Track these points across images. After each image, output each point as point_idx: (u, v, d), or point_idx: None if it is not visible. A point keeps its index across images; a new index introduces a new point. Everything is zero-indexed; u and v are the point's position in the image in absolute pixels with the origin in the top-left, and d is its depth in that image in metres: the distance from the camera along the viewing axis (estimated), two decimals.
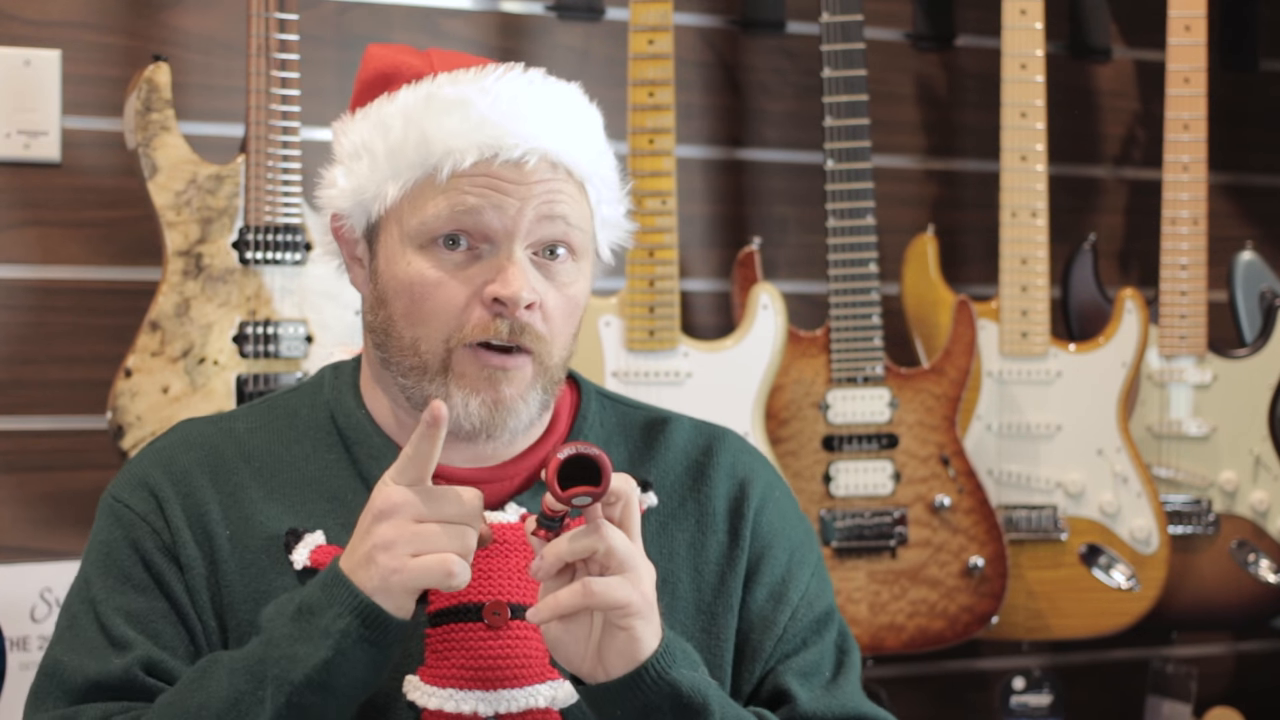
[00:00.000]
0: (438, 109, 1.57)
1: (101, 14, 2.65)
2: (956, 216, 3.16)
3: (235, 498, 1.61)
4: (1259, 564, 3.02)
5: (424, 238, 1.56)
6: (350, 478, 1.62)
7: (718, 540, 1.68)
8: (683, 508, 1.68)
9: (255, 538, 1.59)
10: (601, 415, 1.71)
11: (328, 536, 1.58)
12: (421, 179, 1.56)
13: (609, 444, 1.69)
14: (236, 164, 2.50)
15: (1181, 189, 3.00)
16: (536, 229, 1.56)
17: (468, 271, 1.56)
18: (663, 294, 2.71)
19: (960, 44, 3.16)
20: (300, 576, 1.56)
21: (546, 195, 1.56)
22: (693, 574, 1.66)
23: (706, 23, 3.02)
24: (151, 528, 1.60)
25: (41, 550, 2.61)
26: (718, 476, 1.70)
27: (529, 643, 1.55)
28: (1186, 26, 2.99)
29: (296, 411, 1.68)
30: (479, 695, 1.53)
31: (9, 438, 2.62)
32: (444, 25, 2.83)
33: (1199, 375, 3.02)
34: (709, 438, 1.74)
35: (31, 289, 2.63)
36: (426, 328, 1.56)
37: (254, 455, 1.64)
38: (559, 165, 1.57)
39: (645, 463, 1.69)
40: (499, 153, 1.54)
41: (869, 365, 2.81)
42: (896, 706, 3.06)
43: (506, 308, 1.54)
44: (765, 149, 3.07)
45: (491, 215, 1.54)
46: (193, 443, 1.65)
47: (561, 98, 1.61)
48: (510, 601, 1.55)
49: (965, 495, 2.82)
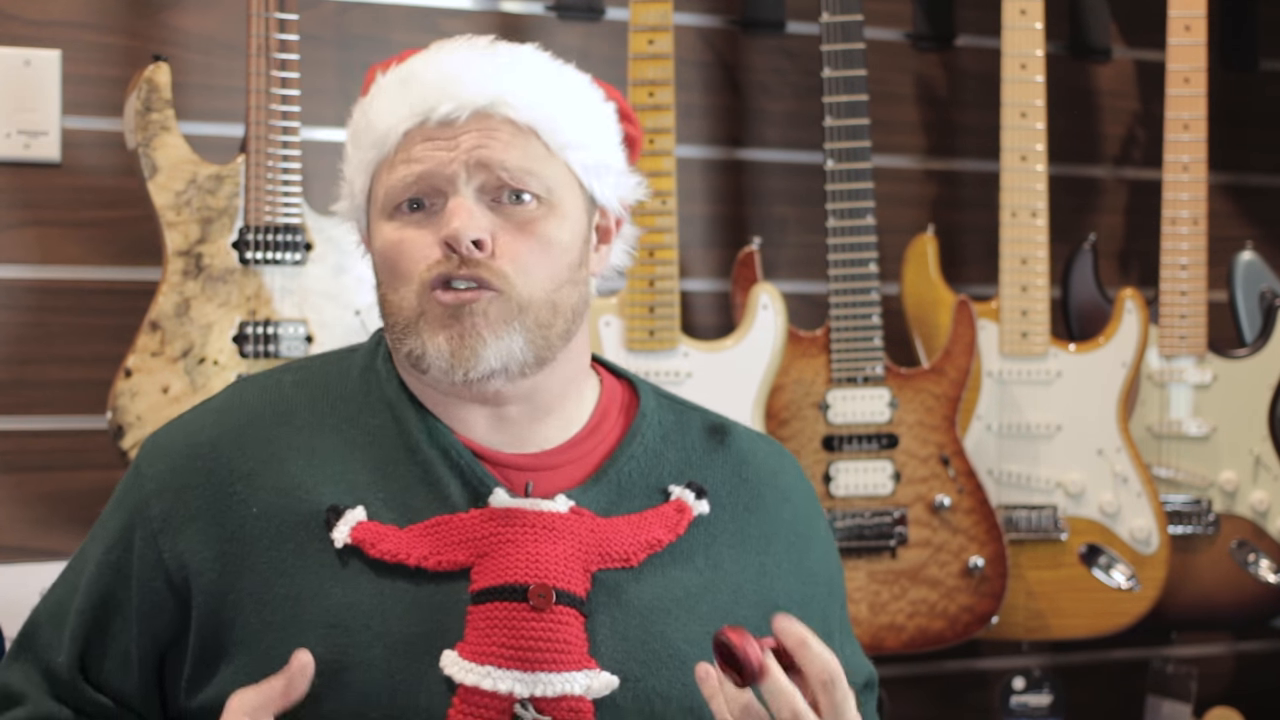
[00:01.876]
0: (379, 92, 1.64)
1: (101, 14, 2.65)
2: (956, 216, 3.16)
3: (269, 467, 1.60)
4: (1259, 564, 3.02)
5: (388, 208, 1.62)
6: (397, 447, 1.62)
7: (781, 566, 1.69)
8: (736, 520, 1.68)
9: (292, 513, 1.58)
10: (660, 414, 1.71)
11: (369, 513, 1.58)
12: (378, 160, 1.63)
13: (666, 441, 1.70)
14: (236, 164, 2.50)
15: (1181, 189, 3.00)
16: (477, 172, 1.59)
17: (427, 225, 1.60)
18: (663, 294, 2.71)
19: (960, 44, 3.16)
20: (340, 555, 1.56)
21: (483, 139, 1.60)
22: (755, 588, 1.66)
23: (706, 23, 3.02)
24: (152, 526, 1.60)
25: (41, 550, 2.61)
26: (780, 499, 1.72)
27: (570, 629, 1.55)
28: (1186, 26, 2.99)
29: (349, 371, 1.69)
30: (516, 675, 1.52)
31: (9, 438, 2.62)
32: (444, 25, 2.83)
33: (1199, 375, 3.02)
34: (774, 455, 1.76)
35: (31, 289, 2.63)
36: (401, 285, 1.60)
37: (296, 413, 1.64)
38: (493, 115, 1.61)
39: (704, 468, 1.70)
40: (430, 114, 1.60)
41: (869, 365, 2.81)
42: (896, 706, 3.07)
43: (454, 245, 1.57)
44: (765, 149, 3.07)
45: (433, 168, 1.59)
46: (231, 407, 1.66)
47: (503, 58, 1.66)
48: (555, 586, 1.55)
49: (965, 495, 2.82)
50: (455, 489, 1.60)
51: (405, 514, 1.58)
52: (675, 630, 1.59)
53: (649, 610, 1.59)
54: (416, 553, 1.56)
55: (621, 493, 1.64)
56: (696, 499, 1.65)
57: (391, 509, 1.58)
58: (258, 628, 1.55)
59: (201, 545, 1.59)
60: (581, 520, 1.60)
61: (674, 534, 1.63)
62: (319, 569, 1.56)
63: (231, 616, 1.56)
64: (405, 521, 1.58)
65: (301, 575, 1.56)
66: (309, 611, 1.55)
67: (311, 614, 1.54)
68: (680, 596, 1.61)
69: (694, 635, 1.59)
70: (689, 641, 1.59)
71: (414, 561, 1.55)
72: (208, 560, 1.58)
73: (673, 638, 1.59)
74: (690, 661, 1.55)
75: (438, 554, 1.56)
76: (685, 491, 1.66)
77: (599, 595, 1.57)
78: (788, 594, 1.68)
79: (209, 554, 1.58)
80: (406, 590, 1.55)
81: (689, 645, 1.59)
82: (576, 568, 1.57)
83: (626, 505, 1.64)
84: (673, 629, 1.59)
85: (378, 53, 2.74)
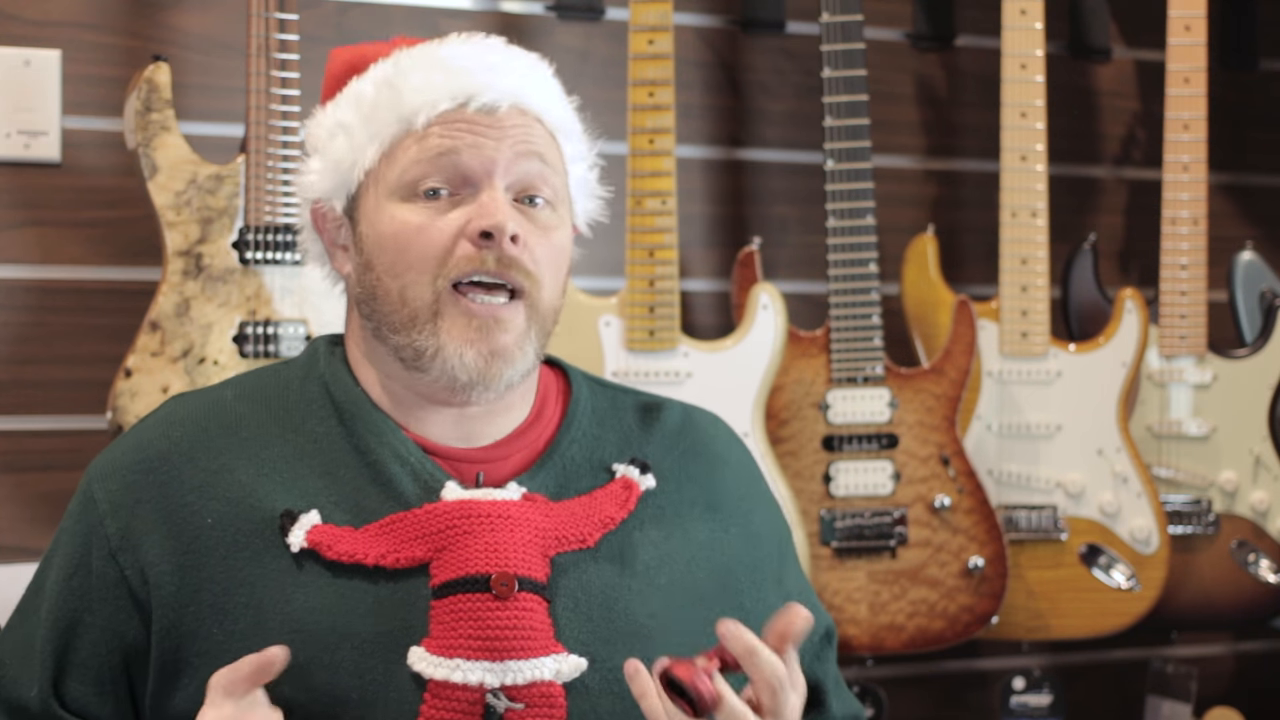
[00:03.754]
0: (408, 68, 1.62)
1: (101, 14, 2.65)
2: (956, 216, 3.16)
3: (220, 477, 1.59)
4: (1259, 564, 3.02)
5: (405, 189, 1.59)
6: (345, 451, 1.61)
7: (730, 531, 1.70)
8: (681, 491, 1.69)
9: (246, 520, 1.58)
10: (593, 400, 1.72)
11: (323, 515, 1.57)
12: (399, 134, 1.60)
13: (602, 424, 1.70)
14: (236, 164, 2.50)
15: (1181, 189, 3.00)
16: (514, 166, 1.59)
17: (450, 215, 1.58)
18: (663, 294, 2.71)
19: (960, 44, 3.16)
20: (297, 560, 1.55)
21: (522, 135, 1.60)
22: (708, 555, 1.67)
23: (706, 23, 3.02)
24: (110, 545, 1.59)
25: (41, 550, 2.59)
26: (718, 465, 1.73)
27: (535, 615, 1.55)
28: (1186, 26, 2.99)
29: (289, 383, 1.67)
30: (485, 666, 1.52)
31: (9, 438, 2.62)
32: (444, 25, 2.83)
33: (1199, 375, 3.02)
34: (708, 424, 1.77)
35: (31, 289, 2.63)
36: (413, 273, 1.58)
37: (243, 425, 1.63)
38: (529, 112, 1.61)
39: (643, 444, 1.70)
40: (471, 99, 1.59)
41: (869, 365, 2.81)
42: (896, 706, 3.07)
43: (493, 239, 1.56)
44: (765, 149, 3.07)
45: (469, 155, 1.58)
46: (176, 420, 1.64)
47: (527, 59, 1.67)
48: (517, 574, 1.55)
49: (965, 495, 2.82)
50: (407, 486, 1.59)
51: (359, 515, 1.58)
52: (637, 606, 1.60)
53: (610, 589, 1.60)
54: (374, 551, 1.55)
55: (568, 474, 1.65)
56: (641, 474, 1.66)
57: (345, 511, 1.57)
58: (220, 638, 1.55)
59: (159, 558, 1.58)
60: (535, 506, 1.60)
61: (625, 510, 1.63)
62: (277, 575, 1.55)
63: (193, 628, 1.55)
64: (359, 522, 1.57)
65: (260, 583, 1.55)
66: (271, 619, 1.54)
67: (274, 621, 1.54)
68: (639, 571, 1.62)
69: (655, 608, 1.61)
70: (651, 615, 1.60)
71: (372, 560, 1.55)
72: (166, 573, 1.57)
73: (636, 613, 1.59)
74: (655, 636, 1.58)
75: (395, 551, 1.56)
76: (629, 468, 1.67)
77: (559, 579, 1.58)
78: (739, 559, 1.69)
79: (167, 567, 1.57)
80: (367, 590, 1.55)
81: (651, 619, 1.60)
82: (535, 553, 1.57)
83: (574, 486, 1.64)
84: (635, 605, 1.60)
85: None
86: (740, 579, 1.68)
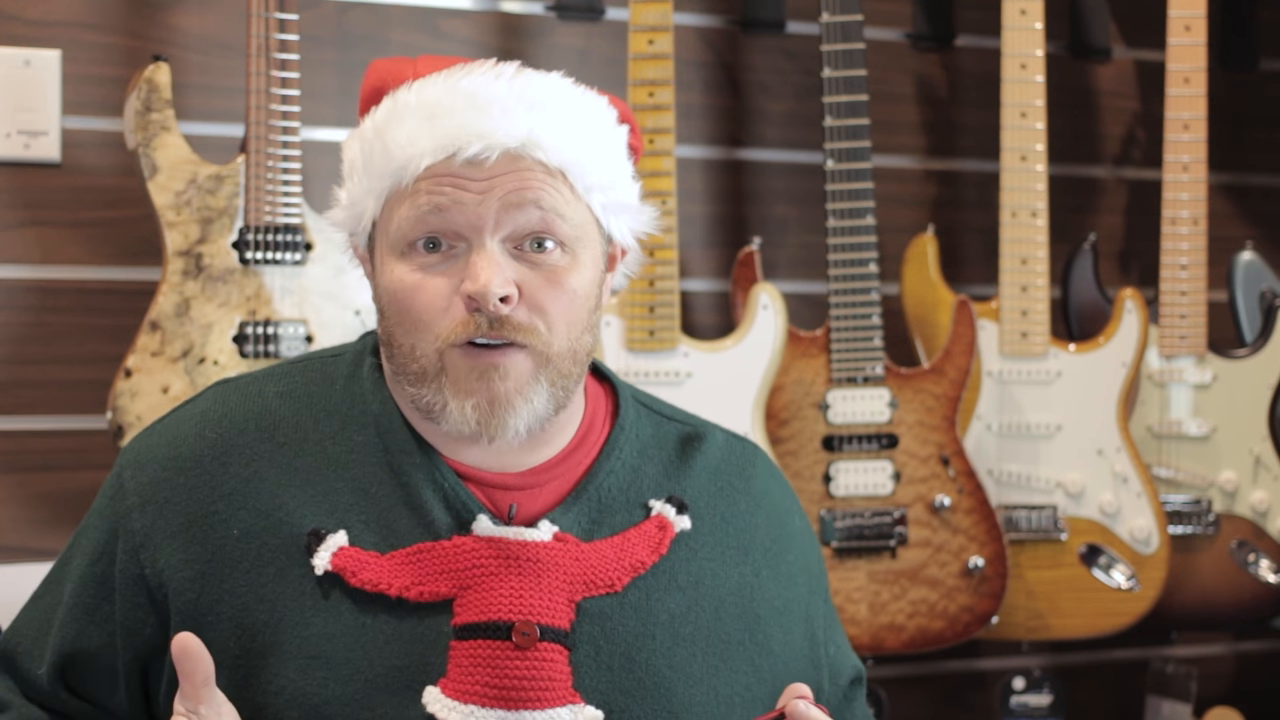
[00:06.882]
0: (398, 118, 1.57)
1: (101, 14, 2.65)
2: (956, 216, 3.16)
3: (251, 485, 1.58)
4: (1259, 564, 3.02)
5: (401, 245, 1.56)
6: (379, 466, 1.59)
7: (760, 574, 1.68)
8: (715, 533, 1.67)
9: (273, 535, 1.56)
10: (638, 427, 1.70)
11: (350, 536, 1.55)
12: (392, 189, 1.57)
13: (643, 456, 1.68)
14: (236, 164, 2.50)
15: (1181, 189, 3.00)
16: (506, 219, 1.54)
17: (446, 271, 1.55)
18: (663, 294, 2.71)
19: (960, 44, 3.16)
20: (320, 583, 1.54)
21: (513, 185, 1.54)
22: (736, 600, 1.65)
23: (706, 23, 3.02)
24: (134, 539, 1.59)
25: (41, 550, 2.61)
26: (754, 506, 1.71)
27: (554, 665, 1.54)
28: (1186, 26, 2.99)
29: (334, 381, 1.65)
30: (500, 715, 1.51)
31: (9, 438, 2.62)
32: (444, 25, 2.83)
33: (1199, 375, 3.02)
34: (747, 459, 1.74)
35: (31, 289, 2.63)
36: (418, 334, 1.55)
37: (280, 428, 1.61)
38: (524, 157, 1.55)
39: (680, 480, 1.68)
40: (457, 151, 1.53)
41: (869, 365, 2.81)
42: (896, 706, 3.07)
43: (479, 303, 1.53)
44: (765, 149, 3.07)
45: (456, 212, 1.54)
46: (213, 419, 1.63)
47: (536, 88, 1.59)
48: (539, 622, 1.54)
49: (965, 495, 2.82)
50: (439, 514, 1.57)
51: (387, 537, 1.56)
52: (659, 657, 1.58)
53: (633, 638, 1.58)
54: (398, 583, 1.54)
55: (603, 509, 1.63)
56: (678, 514, 1.64)
57: (373, 531, 1.56)
58: (236, 653, 1.54)
59: (182, 564, 1.57)
60: (565, 548, 1.58)
61: (657, 554, 1.62)
62: (299, 596, 1.54)
63: (210, 638, 1.53)
64: (387, 545, 1.56)
65: (281, 602, 1.54)
66: (288, 640, 1.53)
67: (291, 644, 1.53)
68: (664, 620, 1.60)
69: (678, 660, 1.59)
70: (673, 667, 1.58)
71: (395, 592, 1.54)
72: (187, 579, 1.57)
73: (657, 665, 1.58)
74: (675, 687, 1.56)
75: (420, 584, 1.54)
76: (666, 506, 1.64)
77: (583, 625, 1.56)
78: (768, 602, 1.67)
79: (189, 573, 1.57)
80: (387, 622, 1.54)
81: (673, 671, 1.58)
82: (561, 600, 1.55)
83: (608, 522, 1.62)
84: (657, 656, 1.58)
85: (378, 53, 2.75)
86: (769, 623, 1.66)
